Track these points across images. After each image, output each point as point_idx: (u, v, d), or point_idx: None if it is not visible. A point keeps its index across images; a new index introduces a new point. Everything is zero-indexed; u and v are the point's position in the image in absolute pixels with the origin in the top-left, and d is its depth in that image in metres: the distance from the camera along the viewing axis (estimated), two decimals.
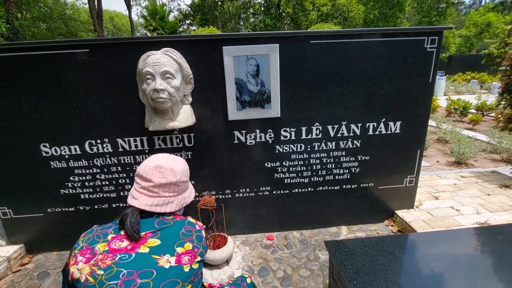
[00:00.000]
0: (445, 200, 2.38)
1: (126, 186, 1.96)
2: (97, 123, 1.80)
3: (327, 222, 2.23)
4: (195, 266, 0.78)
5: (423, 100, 1.98)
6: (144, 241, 0.76)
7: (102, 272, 0.68)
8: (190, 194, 0.95)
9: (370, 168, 2.10)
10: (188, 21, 25.90)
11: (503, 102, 3.29)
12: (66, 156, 1.85)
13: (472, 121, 5.57)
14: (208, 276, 1.78)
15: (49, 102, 1.74)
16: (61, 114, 1.77)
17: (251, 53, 1.73)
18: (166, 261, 0.74)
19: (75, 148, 1.83)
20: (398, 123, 2.01)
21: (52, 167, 1.86)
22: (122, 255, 0.72)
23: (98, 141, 1.83)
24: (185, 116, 1.70)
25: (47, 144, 1.81)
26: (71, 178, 1.90)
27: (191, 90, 1.75)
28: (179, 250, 0.77)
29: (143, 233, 0.77)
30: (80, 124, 1.79)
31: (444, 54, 20.42)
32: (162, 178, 0.83)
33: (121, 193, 1.97)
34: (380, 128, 2.01)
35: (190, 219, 0.89)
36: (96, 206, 1.99)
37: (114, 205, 1.99)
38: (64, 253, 2.07)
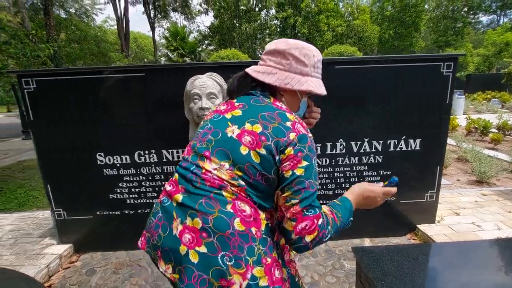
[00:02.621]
0: (466, 216, 2.44)
1: None
2: (146, 136, 2.05)
3: (351, 234, 2.34)
4: (255, 157, 0.70)
5: (441, 120, 2.12)
6: (233, 109, 0.80)
7: (203, 124, 0.85)
8: (301, 80, 0.81)
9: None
10: (206, 42, 27.24)
11: None
12: (118, 165, 2.10)
13: (493, 140, 5.53)
14: None
15: (107, 118, 2.02)
16: (116, 128, 2.04)
17: None
18: (231, 131, 0.74)
19: (125, 158, 2.09)
20: (418, 141, 2.15)
21: (105, 174, 2.11)
22: (216, 114, 0.83)
23: (146, 152, 2.08)
24: None
25: (102, 154, 2.08)
26: (120, 184, 2.14)
27: None
28: (247, 127, 0.73)
29: (238, 103, 0.82)
30: (131, 137, 2.05)
31: (462, 73, 20.23)
32: (273, 44, 0.84)
33: None
34: (401, 145, 2.15)
35: (288, 114, 0.76)
36: (139, 211, 2.21)
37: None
38: (107, 254, 2.29)
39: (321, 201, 2.22)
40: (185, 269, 0.69)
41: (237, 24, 23.86)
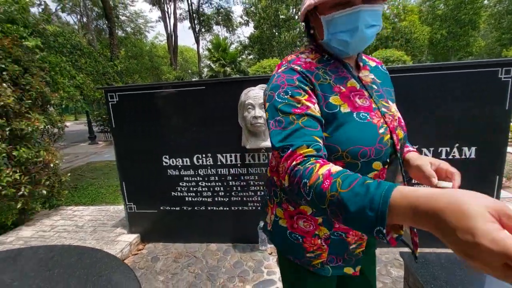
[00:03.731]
0: None
1: (220, 193, 2.41)
2: (204, 141, 2.32)
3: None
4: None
5: (499, 127, 2.02)
6: None
7: None
8: (304, 1, 0.71)
9: None
10: (246, 52, 28.20)
11: None
12: (179, 166, 2.40)
13: None
14: None
15: (172, 125, 2.34)
16: (180, 134, 2.35)
17: None
18: None
19: (186, 160, 2.38)
20: (473, 149, 2.07)
21: (169, 174, 2.43)
22: None
23: (203, 155, 2.35)
24: None
25: (167, 156, 2.40)
26: (180, 183, 2.44)
27: None
28: None
29: None
30: (192, 142, 2.34)
31: None
32: None
33: (216, 199, 2.43)
34: (454, 153, 2.10)
35: (277, 68, 0.78)
36: (195, 208, 2.48)
37: (209, 208, 2.46)
38: (167, 244, 2.59)
39: None
40: None
41: (277, 33, 24.29)
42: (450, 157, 2.10)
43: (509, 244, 0.30)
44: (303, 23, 0.78)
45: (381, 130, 0.68)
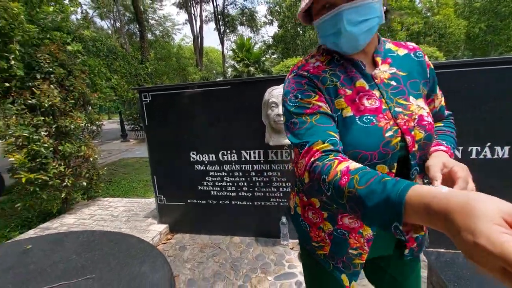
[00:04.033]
0: None
1: (243, 188, 2.51)
2: (229, 138, 2.43)
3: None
4: None
5: None
6: None
7: None
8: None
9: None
10: (270, 51, 28.24)
11: None
12: (206, 162, 2.54)
13: None
14: None
15: (199, 123, 2.48)
16: (206, 131, 2.48)
17: None
18: None
19: (212, 156, 2.51)
20: (507, 148, 1.98)
21: (196, 169, 2.58)
22: None
23: (228, 151, 2.46)
24: None
25: (194, 152, 2.55)
26: (206, 178, 2.58)
27: None
28: None
29: None
30: (217, 139, 2.46)
31: None
32: None
33: (239, 193, 2.53)
34: (485, 152, 2.02)
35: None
36: (220, 201, 2.60)
37: (233, 202, 2.56)
38: (194, 235, 2.74)
39: None
40: None
41: (301, 32, 24.05)
42: (481, 156, 2.02)
43: (507, 248, 0.29)
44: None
45: (388, 133, 0.66)
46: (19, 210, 3.38)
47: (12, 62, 2.69)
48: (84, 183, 3.31)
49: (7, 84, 2.89)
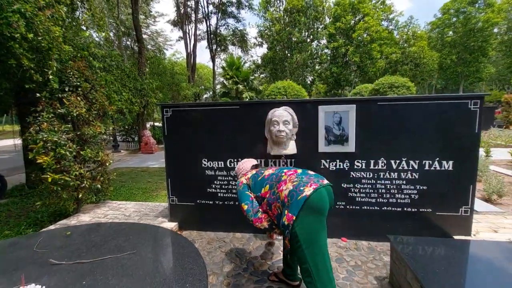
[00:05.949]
0: (505, 233, 2.71)
1: None
2: (236, 148, 2.95)
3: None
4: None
5: (471, 145, 2.56)
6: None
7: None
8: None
9: (427, 196, 2.69)
10: (259, 71, 29.47)
11: None
12: (215, 167, 3.02)
13: None
14: None
15: (210, 135, 2.99)
16: (217, 142, 2.98)
17: (337, 110, 2.70)
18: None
19: (220, 163, 3.00)
20: (451, 162, 2.61)
21: (206, 173, 3.05)
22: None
23: (235, 159, 2.96)
24: (292, 147, 2.71)
25: (206, 159, 3.03)
26: (215, 181, 3.05)
27: (296, 131, 2.77)
28: None
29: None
30: (225, 149, 2.97)
31: None
32: None
33: None
34: (435, 165, 2.64)
35: None
36: (225, 202, 3.06)
37: (237, 203, 3.02)
38: (201, 232, 3.16)
39: (364, 207, 2.79)
40: None
41: (289, 55, 25.45)
42: (432, 168, 2.64)
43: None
44: None
45: None
46: (37, 208, 3.67)
47: (50, 77, 3.12)
48: (99, 186, 3.66)
49: (38, 95, 3.30)
